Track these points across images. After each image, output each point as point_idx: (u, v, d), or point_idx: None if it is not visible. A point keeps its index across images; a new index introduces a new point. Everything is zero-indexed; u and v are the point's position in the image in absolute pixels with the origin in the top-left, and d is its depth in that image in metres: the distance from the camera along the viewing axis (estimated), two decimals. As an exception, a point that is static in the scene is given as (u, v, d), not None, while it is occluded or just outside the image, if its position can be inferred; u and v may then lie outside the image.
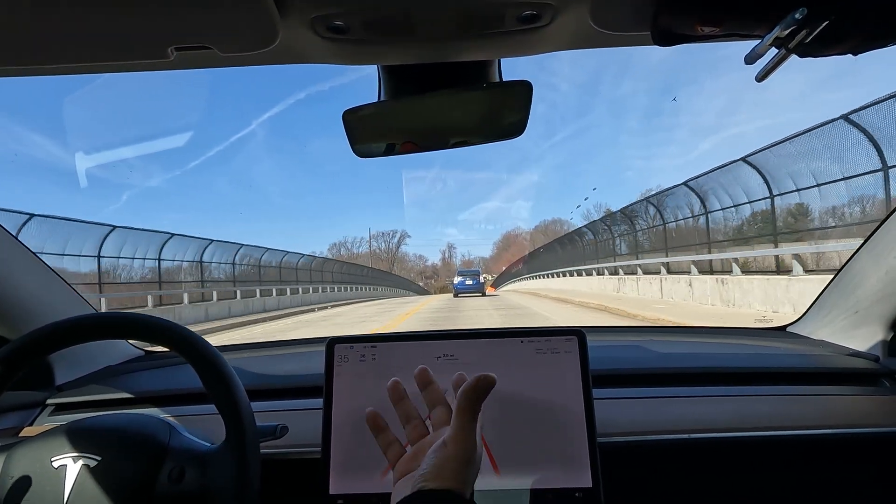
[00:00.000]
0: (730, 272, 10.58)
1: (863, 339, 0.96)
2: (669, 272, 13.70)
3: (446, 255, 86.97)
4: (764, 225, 11.20)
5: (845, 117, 7.93)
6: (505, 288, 45.88)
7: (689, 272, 12.36)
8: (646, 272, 14.88)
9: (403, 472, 0.51)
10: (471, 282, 25.38)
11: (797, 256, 8.71)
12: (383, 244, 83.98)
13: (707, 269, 12.14)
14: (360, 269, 44.50)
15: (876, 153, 7.73)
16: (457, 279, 26.23)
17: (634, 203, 17.20)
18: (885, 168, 7.72)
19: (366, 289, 38.59)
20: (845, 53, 0.45)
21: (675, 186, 13.74)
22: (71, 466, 0.60)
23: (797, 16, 0.40)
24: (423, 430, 0.55)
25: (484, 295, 24.77)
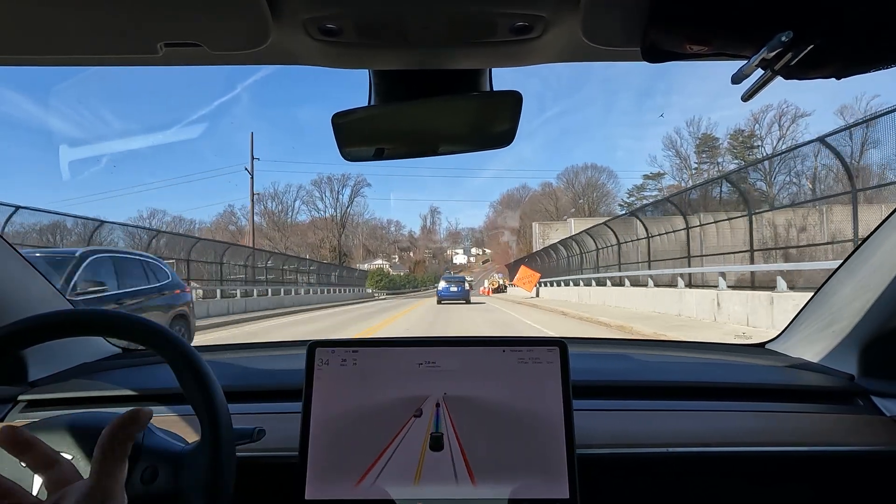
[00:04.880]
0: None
1: (838, 357, 0.98)
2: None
3: (428, 222, 74.20)
4: None
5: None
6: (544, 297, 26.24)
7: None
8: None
9: None
10: (455, 288, 25.25)
11: None
12: (328, 194, 58.05)
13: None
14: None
15: None
16: (441, 284, 26.07)
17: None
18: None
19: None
20: (829, 77, 0.47)
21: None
22: None
23: (783, 38, 0.41)
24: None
25: (468, 302, 24.30)
